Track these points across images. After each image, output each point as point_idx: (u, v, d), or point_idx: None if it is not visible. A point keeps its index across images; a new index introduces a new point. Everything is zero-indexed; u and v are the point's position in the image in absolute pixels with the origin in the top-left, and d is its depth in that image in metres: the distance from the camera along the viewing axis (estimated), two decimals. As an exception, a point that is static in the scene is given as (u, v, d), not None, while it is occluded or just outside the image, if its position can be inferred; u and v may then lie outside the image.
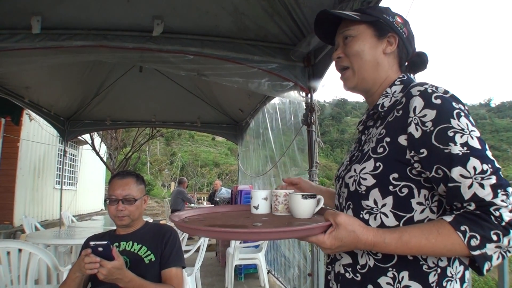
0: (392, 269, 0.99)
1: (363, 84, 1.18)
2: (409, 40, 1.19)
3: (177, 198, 9.53)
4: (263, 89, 3.52)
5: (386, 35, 1.16)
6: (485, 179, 0.87)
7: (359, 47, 1.15)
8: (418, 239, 0.91)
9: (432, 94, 0.97)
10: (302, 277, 4.33)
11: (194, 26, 3.31)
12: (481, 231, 0.85)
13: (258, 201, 1.32)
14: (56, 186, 11.31)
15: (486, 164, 0.88)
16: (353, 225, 0.97)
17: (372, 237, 0.95)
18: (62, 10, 2.95)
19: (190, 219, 1.27)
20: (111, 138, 15.30)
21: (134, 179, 2.07)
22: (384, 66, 1.16)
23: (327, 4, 2.71)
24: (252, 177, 6.62)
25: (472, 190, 0.87)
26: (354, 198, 1.08)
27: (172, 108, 6.95)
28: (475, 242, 0.85)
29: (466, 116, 0.95)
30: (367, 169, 1.04)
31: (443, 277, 0.97)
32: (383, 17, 1.16)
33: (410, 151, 0.98)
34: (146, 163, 29.14)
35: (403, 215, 1.00)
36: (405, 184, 0.99)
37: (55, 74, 4.93)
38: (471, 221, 0.87)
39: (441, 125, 0.93)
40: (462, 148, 0.90)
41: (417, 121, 0.96)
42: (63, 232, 4.47)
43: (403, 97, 1.05)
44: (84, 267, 1.64)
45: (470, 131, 0.92)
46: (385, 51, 1.16)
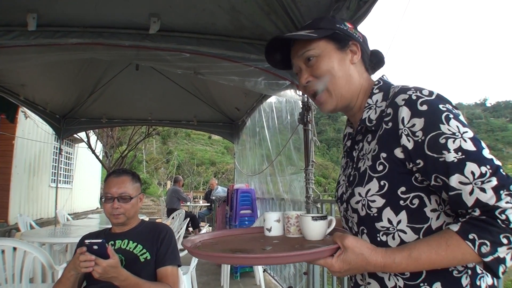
0: (424, 284, 0.96)
1: (342, 101, 1.13)
2: (365, 43, 1.17)
3: (173, 197, 9.52)
4: (259, 88, 3.52)
5: (348, 44, 1.12)
6: (485, 182, 0.84)
7: (327, 65, 1.09)
8: (427, 254, 0.88)
9: (417, 100, 0.94)
10: (298, 276, 4.34)
11: (190, 24, 3.30)
12: (490, 236, 0.82)
13: (270, 224, 1.32)
14: (52, 184, 11.26)
15: (484, 166, 0.85)
16: (361, 247, 0.95)
17: (381, 258, 0.93)
18: (58, 7, 2.94)
19: (203, 243, 1.27)
20: (107, 136, 15.23)
21: (129, 177, 2.07)
22: (355, 77, 1.12)
23: (324, 3, 2.71)
24: (248, 176, 6.62)
25: (474, 196, 0.84)
26: (367, 222, 1.04)
27: (168, 106, 6.94)
28: (486, 249, 0.82)
29: (456, 117, 0.91)
30: (373, 190, 1.00)
31: (475, 276, 0.95)
32: (337, 27, 1.12)
33: (408, 163, 0.95)
34: (142, 162, 29.04)
35: (420, 227, 0.96)
36: (415, 195, 0.96)
37: (50, 72, 4.91)
38: (478, 228, 0.84)
39: (431, 133, 0.90)
40: (457, 154, 0.87)
41: (407, 132, 0.94)
42: (58, 231, 4.45)
43: (388, 108, 1.01)
44: (79, 265, 1.64)
45: (462, 133, 0.89)
46: (352, 61, 1.12)
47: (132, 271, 1.84)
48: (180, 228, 5.21)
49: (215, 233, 1.44)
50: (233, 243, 1.26)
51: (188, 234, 9.53)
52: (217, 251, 1.15)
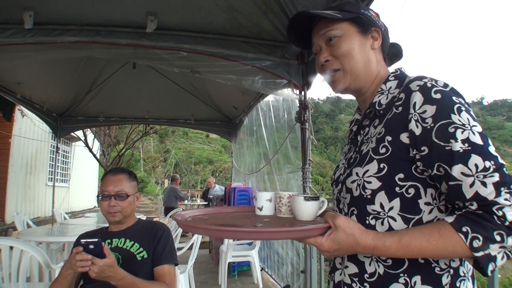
0: (404, 274, 0.95)
1: (356, 83, 1.13)
2: (387, 32, 1.17)
3: (170, 195, 9.51)
4: (256, 87, 3.52)
5: (370, 30, 1.12)
6: (487, 176, 0.83)
7: (349, 46, 1.10)
8: (418, 241, 0.88)
9: (431, 88, 0.93)
10: (295, 274, 4.35)
11: (188, 23, 3.29)
12: (484, 231, 0.82)
13: (262, 203, 1.33)
14: (49, 183, 11.24)
15: (488, 160, 0.84)
16: (352, 228, 0.94)
17: (371, 240, 0.92)
18: (55, 5, 2.93)
19: (194, 218, 1.27)
20: (104, 134, 15.22)
21: (126, 175, 2.07)
22: (373, 62, 1.13)
23: (321, 1, 2.71)
24: (245, 175, 6.63)
25: (474, 189, 0.84)
26: (359, 203, 1.03)
27: (165, 105, 6.93)
28: (478, 244, 0.82)
29: (467, 111, 0.91)
30: (371, 171, 1.00)
31: (456, 278, 0.94)
32: (362, 12, 1.12)
33: (412, 149, 0.94)
34: (140, 160, 29.01)
35: (411, 217, 0.95)
36: (412, 184, 0.95)
37: (47, 70, 4.89)
38: (473, 222, 0.84)
39: (442, 121, 0.89)
40: (463, 144, 0.86)
41: (417, 117, 0.93)
42: (56, 229, 4.44)
43: (401, 93, 1.01)
44: (75, 265, 1.64)
45: (471, 126, 0.88)
46: (373, 46, 1.13)
47: (129, 270, 1.83)
48: (177, 227, 5.21)
49: (207, 209, 1.44)
50: (224, 219, 1.26)
51: (185, 233, 9.53)
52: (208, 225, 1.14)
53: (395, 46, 1.21)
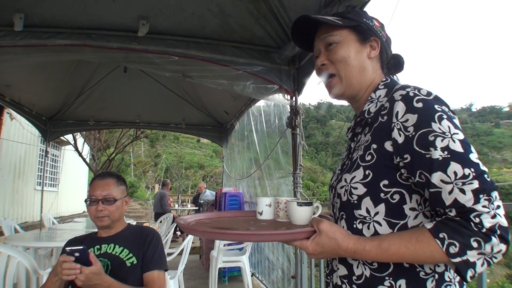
0: (389, 278, 0.98)
1: (351, 90, 1.16)
2: (388, 43, 1.20)
3: (160, 201, 9.45)
4: (248, 92, 3.52)
5: (369, 39, 1.15)
6: (466, 184, 0.85)
7: (345, 53, 1.13)
8: (397, 246, 0.91)
9: (413, 97, 0.95)
10: (286, 279, 4.34)
11: (179, 27, 3.29)
12: (460, 238, 0.84)
13: (262, 207, 1.38)
14: (37, 187, 11.09)
15: (468, 168, 0.85)
16: (334, 232, 0.99)
17: (352, 244, 0.96)
18: (46, 7, 2.91)
19: (197, 222, 1.35)
20: (94, 138, 15.11)
21: (114, 180, 2.05)
22: (369, 71, 1.15)
23: (313, 7, 2.73)
24: (236, 180, 6.61)
25: (453, 196, 0.86)
26: (347, 208, 1.06)
27: (156, 109, 6.90)
28: (454, 250, 0.84)
29: (449, 119, 0.92)
30: (357, 178, 1.03)
31: (441, 283, 0.95)
32: (364, 21, 1.15)
33: (396, 157, 0.97)
34: (130, 165, 28.83)
35: (396, 222, 0.98)
36: (396, 190, 0.98)
37: (37, 73, 4.85)
38: (450, 228, 0.85)
39: (422, 130, 0.91)
40: (443, 152, 0.88)
41: (400, 126, 0.95)
42: (44, 235, 4.38)
43: (387, 102, 1.03)
44: (61, 273, 1.61)
45: (452, 134, 0.89)
46: (370, 55, 1.15)
47: (118, 276, 1.81)
48: (167, 232, 5.18)
49: (211, 213, 1.52)
50: (224, 223, 1.34)
51: (175, 238, 9.47)
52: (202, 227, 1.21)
53: (397, 57, 1.22)
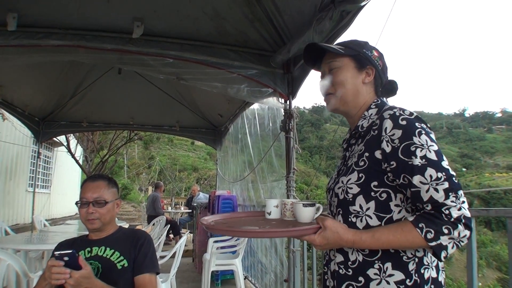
0: (378, 261, 1.20)
1: (344, 107, 1.40)
2: (383, 71, 1.40)
3: (153, 204, 9.39)
4: (242, 95, 3.52)
5: (365, 67, 1.37)
6: (439, 184, 1.09)
7: (343, 77, 1.37)
8: (386, 236, 1.15)
9: (399, 116, 1.19)
10: (279, 283, 4.33)
11: (174, 30, 3.29)
12: (435, 226, 1.08)
13: (270, 208, 1.58)
14: (29, 188, 10.99)
15: (440, 172, 1.10)
16: (337, 227, 1.22)
17: (351, 236, 1.19)
18: (40, 7, 2.89)
19: (216, 222, 1.59)
20: (87, 140, 14.99)
21: (105, 182, 2.03)
22: (362, 94, 1.38)
23: (307, 12, 2.74)
24: (230, 182, 6.60)
25: (429, 194, 1.10)
26: (343, 205, 1.29)
27: (150, 111, 6.89)
28: (431, 236, 1.08)
29: (427, 134, 1.16)
30: (352, 180, 1.26)
31: (421, 265, 1.17)
32: (363, 51, 1.37)
33: (384, 163, 1.20)
34: (124, 167, 28.67)
35: (384, 216, 1.21)
36: (384, 190, 1.21)
37: (30, 73, 4.82)
38: (427, 219, 1.10)
39: (406, 142, 1.15)
40: (421, 160, 1.12)
41: (388, 139, 1.19)
42: (35, 237, 4.35)
43: (377, 119, 1.26)
44: (50, 277, 1.59)
45: (428, 146, 1.13)
46: (364, 81, 1.37)
47: (109, 279, 1.80)
48: (160, 235, 5.15)
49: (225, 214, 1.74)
50: (240, 222, 1.59)
51: (168, 241, 9.42)
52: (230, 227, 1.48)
53: (392, 83, 1.43)
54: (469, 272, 1.84)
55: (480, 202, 44.60)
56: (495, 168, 61.00)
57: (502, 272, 25.68)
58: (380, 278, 1.19)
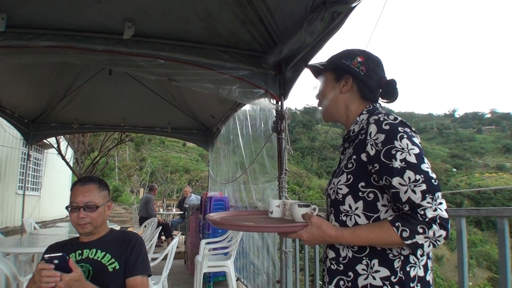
0: (366, 258, 1.26)
1: (328, 117, 1.55)
2: (369, 75, 1.43)
3: (145, 206, 9.33)
4: (234, 96, 3.51)
5: (343, 77, 1.45)
6: (417, 186, 1.15)
7: (324, 89, 1.51)
8: (366, 233, 1.23)
9: (383, 122, 1.25)
10: (271, 284, 4.33)
11: (165, 31, 3.27)
12: (410, 226, 1.14)
13: (272, 208, 1.72)
14: (19, 191, 10.88)
15: (419, 175, 1.15)
16: (321, 224, 1.31)
17: (334, 232, 1.29)
18: (29, 8, 2.86)
19: (222, 218, 1.71)
20: (78, 142, 14.87)
21: (96, 185, 2.01)
22: (344, 103, 1.46)
23: (299, 13, 2.75)
24: (222, 184, 6.59)
25: (407, 195, 1.16)
26: (335, 205, 1.37)
27: (142, 113, 6.85)
28: (406, 234, 1.14)
29: (409, 138, 1.21)
30: (342, 181, 1.34)
31: (406, 263, 1.22)
32: (341, 62, 1.45)
33: (369, 165, 1.27)
34: (115, 169, 28.49)
35: (371, 215, 1.28)
36: (371, 190, 1.28)
37: (20, 74, 4.77)
38: (403, 219, 1.16)
39: (387, 146, 1.21)
40: (401, 163, 1.18)
41: (372, 142, 1.26)
42: (25, 240, 4.30)
43: (366, 124, 1.33)
44: (39, 281, 1.57)
45: (409, 149, 1.19)
46: (342, 91, 1.46)
47: (100, 281, 1.78)
48: (152, 237, 5.13)
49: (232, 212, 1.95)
50: (243, 219, 1.76)
51: (160, 243, 9.37)
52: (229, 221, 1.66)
53: (390, 82, 1.44)
54: (460, 271, 1.86)
55: (470, 202, 45.05)
56: (485, 168, 61.64)
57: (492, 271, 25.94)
58: (367, 273, 1.25)
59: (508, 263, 1.65)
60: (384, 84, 1.45)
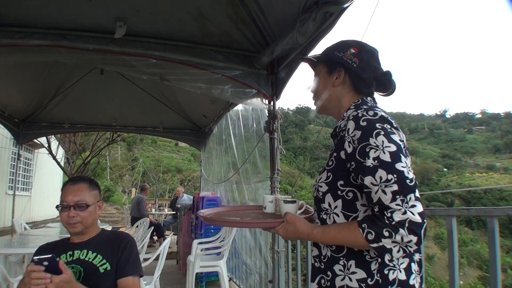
0: (343, 258, 1.23)
1: (323, 109, 1.49)
2: (362, 67, 1.37)
3: (137, 206, 9.28)
4: (226, 96, 3.51)
5: (335, 70, 1.41)
6: (387, 186, 1.09)
7: (317, 82, 1.47)
8: (334, 232, 1.20)
9: (361, 117, 1.20)
10: (263, 284, 4.33)
11: (157, 30, 3.26)
12: (376, 228, 1.09)
13: (266, 203, 1.74)
14: (9, 191, 10.78)
15: (391, 174, 1.09)
16: (294, 221, 1.31)
17: (305, 229, 1.27)
18: (20, 6, 2.83)
19: (216, 214, 1.79)
20: (69, 141, 14.75)
21: (87, 184, 1.99)
22: (337, 96, 1.42)
23: (291, 14, 2.75)
24: (214, 184, 6.58)
25: (378, 195, 1.11)
26: (317, 202, 1.35)
27: (133, 112, 6.81)
28: (371, 237, 1.09)
29: (386, 135, 1.15)
30: (323, 178, 1.32)
31: (384, 266, 1.17)
32: (334, 54, 1.41)
33: (347, 163, 1.22)
34: (106, 168, 28.33)
35: (350, 215, 1.24)
36: (350, 189, 1.23)
37: (10, 73, 4.71)
38: (370, 220, 1.12)
39: (363, 143, 1.16)
40: (374, 161, 1.12)
41: (350, 139, 1.21)
42: (15, 241, 4.26)
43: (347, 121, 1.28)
44: (30, 283, 1.56)
45: (384, 147, 1.13)
46: (334, 84, 1.41)
47: (91, 283, 1.77)
48: (144, 237, 5.10)
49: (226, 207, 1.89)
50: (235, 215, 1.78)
51: (152, 243, 9.33)
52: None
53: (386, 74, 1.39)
54: (450, 270, 1.88)
55: (461, 201, 45.43)
56: (475, 168, 62.16)
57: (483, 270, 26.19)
58: (344, 274, 1.22)
59: (498, 262, 1.66)
60: (379, 76, 1.39)
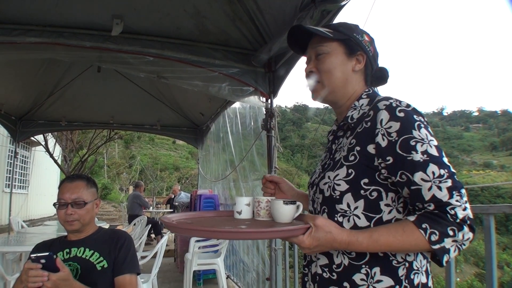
0: (365, 266, 1.08)
1: (332, 97, 1.27)
2: (374, 58, 1.28)
3: (134, 202, 9.25)
4: (223, 94, 3.51)
5: (356, 53, 1.23)
6: (442, 182, 0.98)
7: (331, 64, 1.23)
8: (386, 237, 1.01)
9: (396, 108, 1.07)
10: (261, 281, 4.34)
11: (155, 28, 3.26)
12: (440, 227, 0.97)
13: (241, 207, 1.37)
14: (6, 189, 10.74)
15: (443, 169, 0.99)
16: (329, 226, 1.05)
17: (346, 237, 1.04)
18: (16, 3, 2.82)
19: (178, 222, 1.31)
20: (66, 139, 14.72)
21: (84, 182, 2.00)
22: (352, 82, 1.25)
23: (289, 12, 2.75)
24: (212, 182, 6.59)
25: (432, 192, 0.98)
26: (329, 203, 1.17)
27: (131, 110, 6.80)
28: (435, 238, 0.96)
29: (426, 127, 1.05)
30: (340, 175, 1.13)
31: (411, 270, 1.07)
32: (354, 36, 1.23)
33: (378, 158, 1.08)
34: (104, 166, 28.23)
35: (373, 216, 1.09)
36: (375, 188, 1.09)
37: (6, 71, 4.69)
38: (431, 220, 0.98)
39: (404, 136, 1.03)
40: (423, 155, 1.00)
41: (384, 132, 1.07)
42: (12, 238, 4.26)
43: (370, 110, 1.14)
44: (27, 281, 1.56)
45: (429, 140, 1.03)
46: (354, 68, 1.24)
47: (88, 280, 1.77)
48: (141, 235, 5.11)
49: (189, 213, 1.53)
50: (208, 222, 1.34)
51: (150, 241, 9.33)
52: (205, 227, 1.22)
53: (382, 71, 1.30)
54: (447, 267, 1.88)
55: (458, 199, 45.55)
56: (472, 166, 62.35)
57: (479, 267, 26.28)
58: (367, 283, 1.08)
59: (494, 259, 1.67)
60: (378, 70, 1.30)
